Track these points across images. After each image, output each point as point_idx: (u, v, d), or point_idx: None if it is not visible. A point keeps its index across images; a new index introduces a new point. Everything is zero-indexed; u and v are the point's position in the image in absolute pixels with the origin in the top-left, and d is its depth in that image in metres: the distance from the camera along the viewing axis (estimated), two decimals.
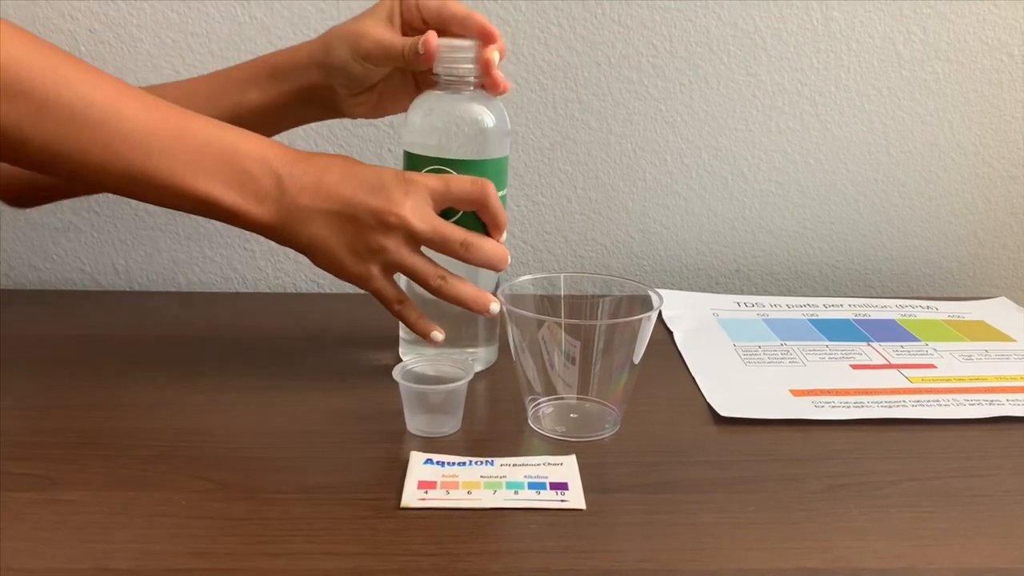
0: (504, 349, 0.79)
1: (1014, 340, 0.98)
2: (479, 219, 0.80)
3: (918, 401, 0.83)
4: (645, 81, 1.12)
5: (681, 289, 1.16)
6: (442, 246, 0.77)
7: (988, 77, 1.13)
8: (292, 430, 0.77)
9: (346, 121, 1.09)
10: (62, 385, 0.83)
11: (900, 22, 1.11)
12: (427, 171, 0.80)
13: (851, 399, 0.83)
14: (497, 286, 0.84)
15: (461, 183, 0.78)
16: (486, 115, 0.82)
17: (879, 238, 1.19)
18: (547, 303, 0.79)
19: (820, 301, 1.09)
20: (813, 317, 1.04)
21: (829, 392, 0.84)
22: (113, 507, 0.64)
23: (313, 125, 1.07)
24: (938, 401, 0.83)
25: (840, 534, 0.64)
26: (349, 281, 0.78)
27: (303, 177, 0.74)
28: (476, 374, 0.80)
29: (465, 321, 0.84)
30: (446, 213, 0.78)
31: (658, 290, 0.77)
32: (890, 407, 0.82)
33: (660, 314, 0.87)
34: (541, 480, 0.68)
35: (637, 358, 0.75)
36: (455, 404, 0.76)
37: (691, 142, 1.14)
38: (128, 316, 1.02)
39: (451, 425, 0.76)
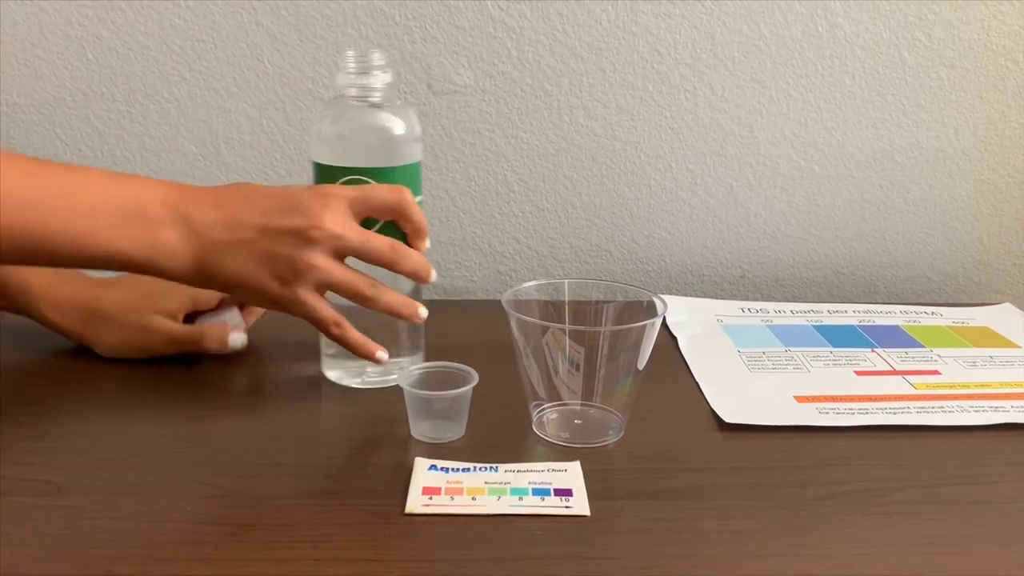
0: (499, 355, 0.79)
1: (1019, 346, 0.98)
2: (398, 229, 0.78)
3: (922, 408, 0.83)
4: (650, 87, 1.12)
5: (686, 295, 1.16)
6: (371, 255, 0.75)
7: (993, 83, 1.13)
8: (297, 436, 0.77)
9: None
10: (65, 390, 0.83)
11: (905, 28, 1.11)
12: (341, 183, 0.79)
13: (855, 406, 0.83)
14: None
15: (379, 191, 0.77)
16: (395, 122, 0.82)
17: (884, 244, 1.19)
18: (551, 309, 0.79)
19: (824, 307, 1.09)
20: (817, 323, 1.04)
21: (833, 399, 0.84)
22: (118, 513, 0.65)
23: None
24: (943, 408, 0.83)
25: (844, 541, 0.64)
26: (281, 310, 0.75)
27: (212, 212, 0.72)
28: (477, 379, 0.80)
29: (389, 332, 0.83)
30: (364, 225, 0.77)
31: (662, 296, 0.77)
32: (894, 414, 0.82)
33: (664, 320, 0.87)
34: (545, 486, 0.69)
35: (641, 364, 0.75)
36: (459, 410, 0.76)
37: (696, 148, 1.14)
38: None
39: (455, 431, 0.76)
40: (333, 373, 0.85)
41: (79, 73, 1.08)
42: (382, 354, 0.78)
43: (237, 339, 0.89)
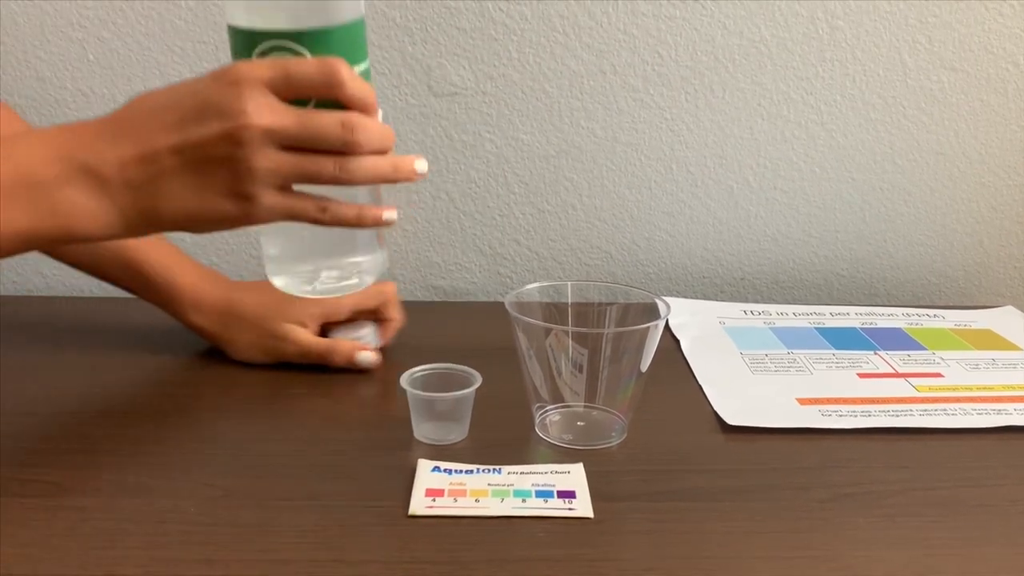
0: (501, 357, 0.79)
1: (1021, 349, 0.98)
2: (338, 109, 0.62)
3: (925, 410, 0.83)
4: (650, 90, 1.12)
5: (686, 297, 1.16)
6: (318, 136, 0.60)
7: (993, 86, 1.13)
8: (300, 437, 0.77)
9: None
10: (69, 391, 0.83)
11: (905, 31, 1.11)
12: (259, 53, 0.62)
13: (858, 408, 0.83)
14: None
15: (302, 65, 0.60)
16: None
17: (884, 247, 1.19)
18: (554, 311, 0.79)
19: (827, 309, 1.09)
20: (820, 325, 1.04)
21: (836, 401, 0.84)
22: (122, 514, 0.65)
23: None
24: (945, 410, 0.83)
25: (847, 543, 0.64)
26: (256, 225, 0.63)
27: (115, 150, 0.60)
28: (478, 385, 0.79)
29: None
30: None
31: (665, 298, 0.77)
32: (897, 416, 0.82)
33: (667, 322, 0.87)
34: (548, 488, 0.69)
35: (644, 366, 0.75)
36: (462, 412, 0.76)
37: (696, 150, 1.14)
38: (136, 323, 1.02)
39: (458, 433, 0.76)
40: (280, 280, 0.69)
41: (80, 74, 1.08)
42: (390, 213, 0.65)
43: (365, 357, 0.87)
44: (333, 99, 0.61)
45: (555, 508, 0.66)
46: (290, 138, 0.60)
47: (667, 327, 0.99)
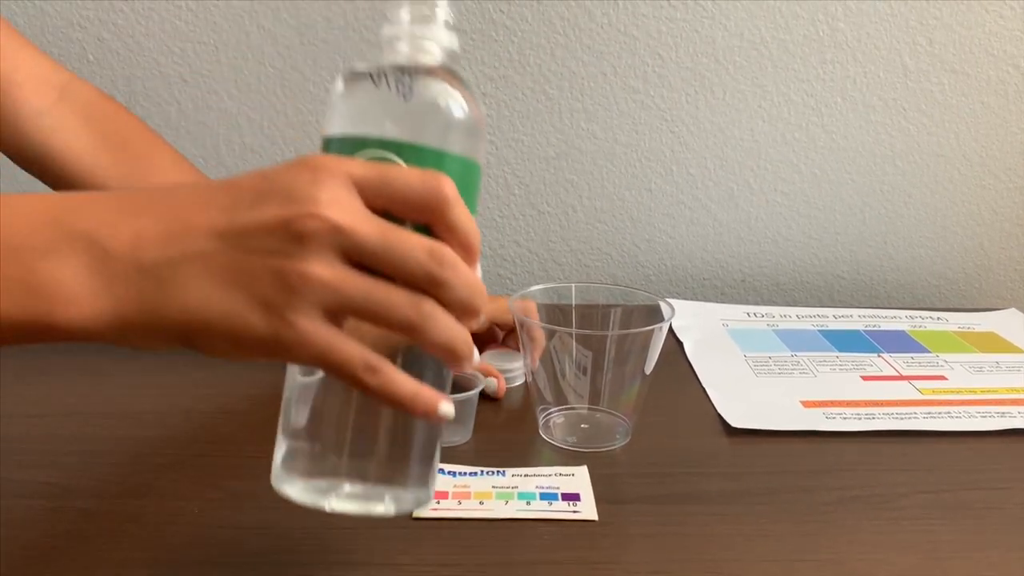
0: None
1: None
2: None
3: (929, 413, 0.83)
4: (651, 91, 1.12)
5: (686, 298, 1.16)
6: (399, 257, 0.45)
7: (994, 88, 1.13)
8: None
9: None
10: (72, 393, 0.83)
11: (906, 33, 1.11)
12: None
13: (862, 411, 0.83)
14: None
15: (404, 173, 0.47)
16: (454, 96, 0.52)
17: (885, 249, 1.19)
18: (558, 313, 0.79)
19: (830, 312, 1.09)
20: (823, 328, 1.03)
21: (840, 403, 0.84)
22: (125, 515, 0.64)
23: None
24: (949, 413, 0.83)
25: (852, 546, 0.64)
26: (275, 358, 0.47)
27: (132, 221, 0.45)
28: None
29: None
30: None
31: (669, 300, 0.77)
32: (901, 419, 0.81)
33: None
34: (553, 491, 0.68)
35: (648, 368, 0.75)
36: (466, 414, 0.75)
37: (696, 152, 1.14)
38: None
39: (462, 435, 0.76)
40: (292, 488, 0.53)
41: (80, 74, 1.07)
42: (447, 407, 0.48)
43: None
44: (430, 223, 0.48)
45: (559, 511, 0.66)
46: (364, 249, 0.45)
47: (670, 329, 0.99)
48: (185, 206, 0.46)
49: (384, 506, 0.51)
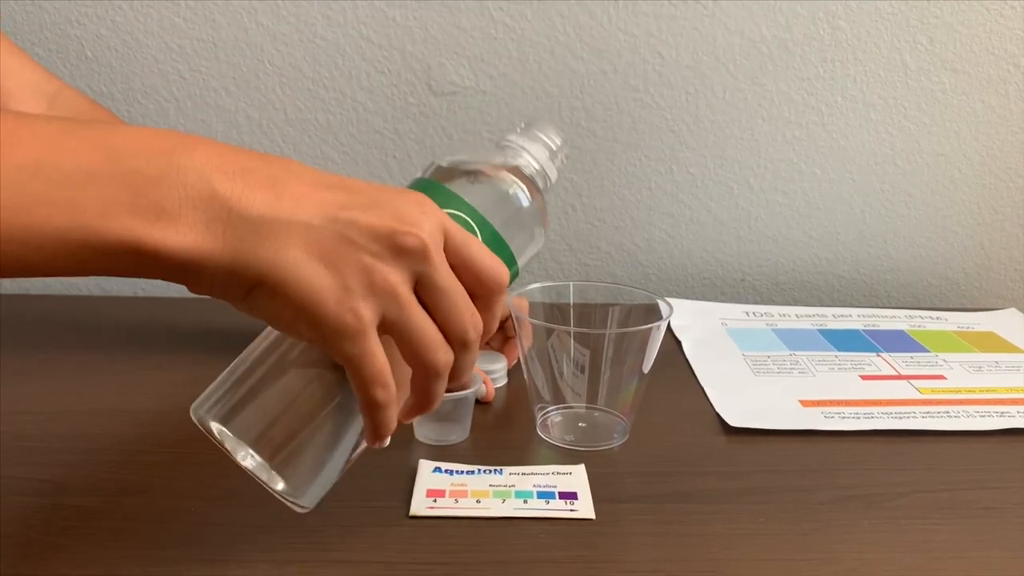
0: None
1: None
2: None
3: (928, 412, 0.83)
4: (651, 90, 1.11)
5: (686, 298, 1.16)
6: (451, 307, 0.52)
7: (995, 87, 1.13)
8: None
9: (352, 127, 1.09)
10: (69, 390, 0.83)
11: (907, 32, 1.11)
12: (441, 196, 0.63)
13: (861, 410, 0.83)
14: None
15: (484, 250, 0.54)
16: (523, 193, 0.68)
17: (885, 248, 1.19)
18: (556, 311, 0.79)
19: (829, 311, 1.09)
20: (822, 327, 1.03)
21: (838, 403, 0.84)
22: (122, 513, 0.64)
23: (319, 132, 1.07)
24: (948, 413, 0.83)
25: (850, 546, 0.64)
26: (326, 335, 0.50)
27: (247, 175, 0.49)
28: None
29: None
30: None
31: (667, 299, 0.77)
32: (900, 418, 0.81)
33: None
34: (550, 489, 0.68)
35: (647, 367, 0.74)
36: (464, 412, 0.75)
37: (696, 151, 1.14)
38: (135, 322, 1.02)
39: (459, 433, 0.76)
40: (212, 425, 0.59)
41: (78, 72, 1.08)
42: (384, 444, 0.57)
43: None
44: (478, 299, 0.54)
45: (557, 509, 0.66)
46: (436, 284, 0.51)
47: (669, 328, 0.99)
48: (302, 180, 0.50)
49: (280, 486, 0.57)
